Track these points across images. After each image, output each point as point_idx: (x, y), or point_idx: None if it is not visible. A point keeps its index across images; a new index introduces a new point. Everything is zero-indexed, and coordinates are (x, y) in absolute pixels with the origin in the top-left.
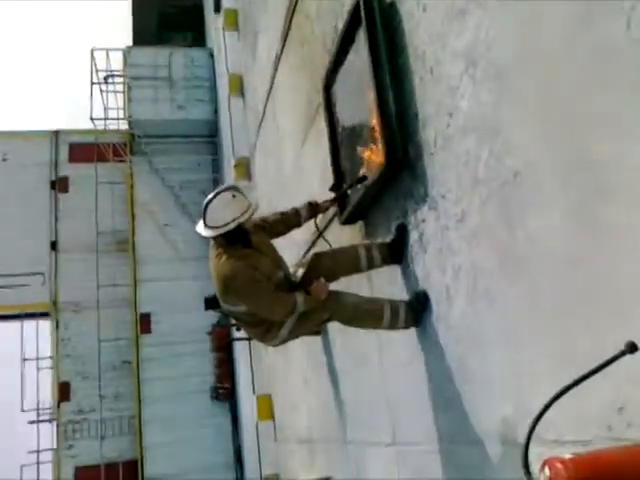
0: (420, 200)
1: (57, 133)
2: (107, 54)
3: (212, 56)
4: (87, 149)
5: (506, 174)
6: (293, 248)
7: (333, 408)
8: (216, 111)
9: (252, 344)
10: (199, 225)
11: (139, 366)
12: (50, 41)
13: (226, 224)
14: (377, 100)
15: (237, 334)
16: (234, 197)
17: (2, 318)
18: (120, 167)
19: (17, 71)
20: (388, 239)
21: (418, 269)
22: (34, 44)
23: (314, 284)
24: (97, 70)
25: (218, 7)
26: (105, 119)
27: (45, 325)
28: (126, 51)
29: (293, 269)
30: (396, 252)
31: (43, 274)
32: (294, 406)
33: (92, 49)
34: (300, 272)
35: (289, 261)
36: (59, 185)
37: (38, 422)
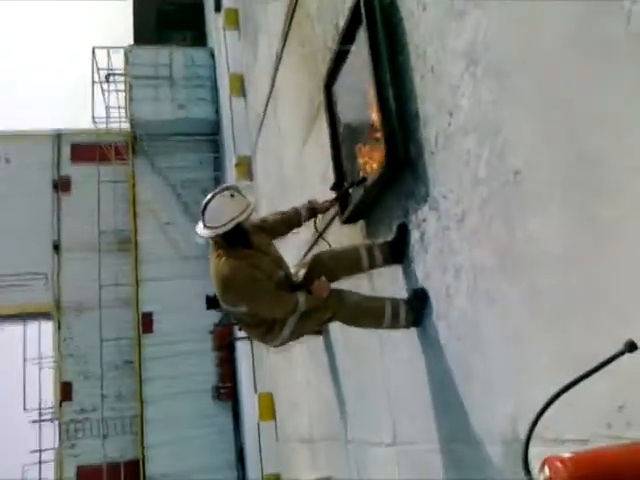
0: (421, 200)
1: (59, 134)
2: (108, 53)
3: (213, 55)
4: (89, 150)
5: (506, 174)
6: (293, 249)
7: (334, 407)
8: (217, 110)
9: (254, 343)
10: (198, 226)
11: (141, 366)
12: (50, 41)
13: (225, 224)
14: (378, 98)
15: (239, 333)
16: (232, 197)
17: (5, 318)
18: (122, 167)
19: (18, 72)
20: (389, 238)
21: (419, 269)
22: (34, 45)
23: (315, 283)
24: (98, 69)
25: (219, 6)
26: (107, 118)
27: (47, 325)
28: (128, 50)
29: (294, 269)
30: (397, 252)
31: (45, 274)
32: (295, 405)
33: (93, 48)
34: (301, 272)
35: (289, 262)
36: (61, 185)
37: (40, 422)
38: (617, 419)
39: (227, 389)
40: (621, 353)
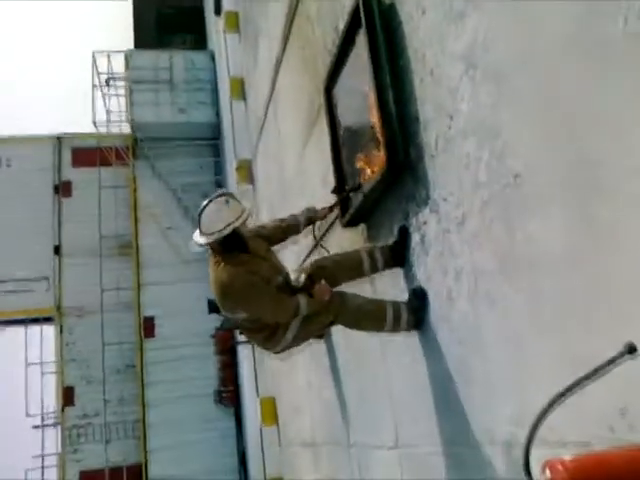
0: (422, 203)
1: (60, 138)
2: (108, 57)
3: (213, 58)
4: (90, 153)
5: (507, 176)
6: (292, 255)
7: (336, 411)
8: (218, 113)
9: (255, 347)
10: (195, 234)
11: (143, 370)
12: (51, 45)
13: (221, 230)
14: (378, 102)
15: (240, 337)
16: (227, 202)
17: (6, 323)
18: (123, 171)
19: (19, 75)
20: (390, 241)
21: (420, 271)
22: (35, 48)
23: (316, 287)
24: (99, 73)
25: (219, 9)
26: (107, 122)
27: (49, 330)
28: (128, 54)
29: (294, 275)
30: (398, 254)
31: (47, 279)
32: (298, 409)
33: (93, 52)
34: (302, 278)
35: (288, 268)
36: (62, 189)
37: (43, 426)
38: (620, 422)
39: (229, 393)
40: (621, 355)
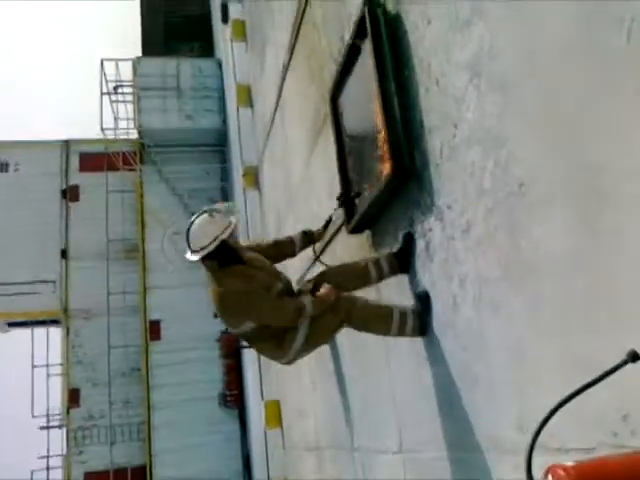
0: (427, 210)
1: (67, 143)
2: (117, 65)
3: (220, 66)
4: (97, 158)
5: (511, 185)
6: (293, 271)
7: (340, 415)
8: (224, 120)
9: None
10: (187, 253)
11: (148, 373)
12: (60, 52)
13: (209, 243)
14: (383, 110)
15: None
16: (212, 216)
17: (13, 325)
18: (130, 176)
19: (28, 83)
20: (395, 248)
21: (425, 278)
22: (44, 55)
23: (321, 289)
24: (107, 80)
25: (226, 18)
26: (115, 129)
27: (55, 332)
28: (135, 61)
29: (299, 286)
30: (403, 261)
31: (54, 281)
32: (302, 412)
33: (102, 60)
34: (307, 288)
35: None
36: (70, 194)
37: (48, 428)
38: (622, 428)
39: (234, 396)
40: (624, 363)
